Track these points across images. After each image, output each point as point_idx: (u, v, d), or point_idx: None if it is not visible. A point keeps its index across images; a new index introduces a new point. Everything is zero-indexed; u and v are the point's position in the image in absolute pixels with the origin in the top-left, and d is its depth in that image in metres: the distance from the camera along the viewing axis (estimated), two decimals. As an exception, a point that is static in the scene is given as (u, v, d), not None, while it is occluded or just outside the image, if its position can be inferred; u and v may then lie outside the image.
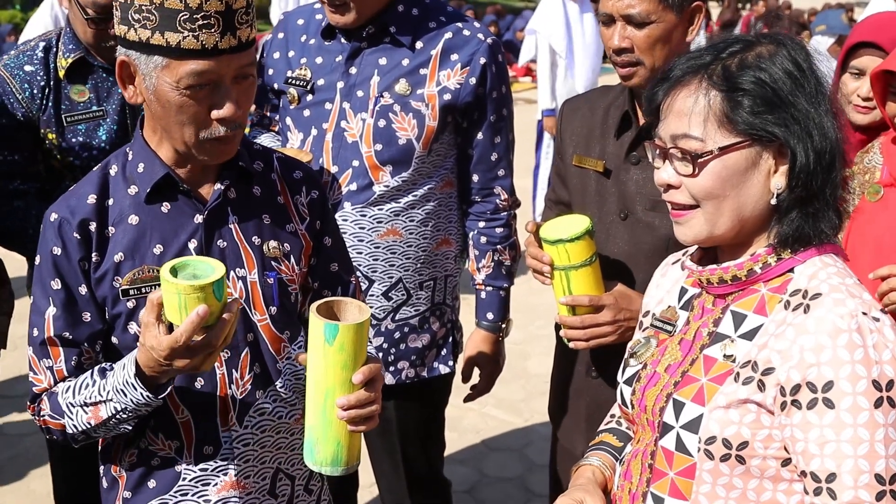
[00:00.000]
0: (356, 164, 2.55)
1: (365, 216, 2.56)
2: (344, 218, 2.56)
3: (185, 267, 1.63)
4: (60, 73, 2.80)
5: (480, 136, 2.62)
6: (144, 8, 1.63)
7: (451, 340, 2.77)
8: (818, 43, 5.49)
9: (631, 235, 2.27)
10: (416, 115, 2.53)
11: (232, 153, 1.79)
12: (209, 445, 1.87)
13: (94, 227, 1.78)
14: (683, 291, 1.74)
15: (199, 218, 1.82)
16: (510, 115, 2.69)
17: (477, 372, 2.82)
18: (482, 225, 2.71)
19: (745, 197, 1.55)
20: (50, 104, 2.78)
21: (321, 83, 2.59)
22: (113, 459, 1.91)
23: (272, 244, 1.87)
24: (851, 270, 1.58)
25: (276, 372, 1.91)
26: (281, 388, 1.92)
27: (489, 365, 2.80)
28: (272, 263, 1.87)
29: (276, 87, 2.70)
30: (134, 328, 1.80)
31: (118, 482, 1.91)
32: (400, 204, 2.58)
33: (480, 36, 2.58)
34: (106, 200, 1.81)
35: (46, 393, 1.83)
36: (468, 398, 2.86)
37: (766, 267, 1.57)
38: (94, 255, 1.78)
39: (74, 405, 1.78)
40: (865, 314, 1.47)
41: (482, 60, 2.55)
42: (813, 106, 1.52)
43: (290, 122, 2.66)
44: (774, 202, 1.55)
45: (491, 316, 2.75)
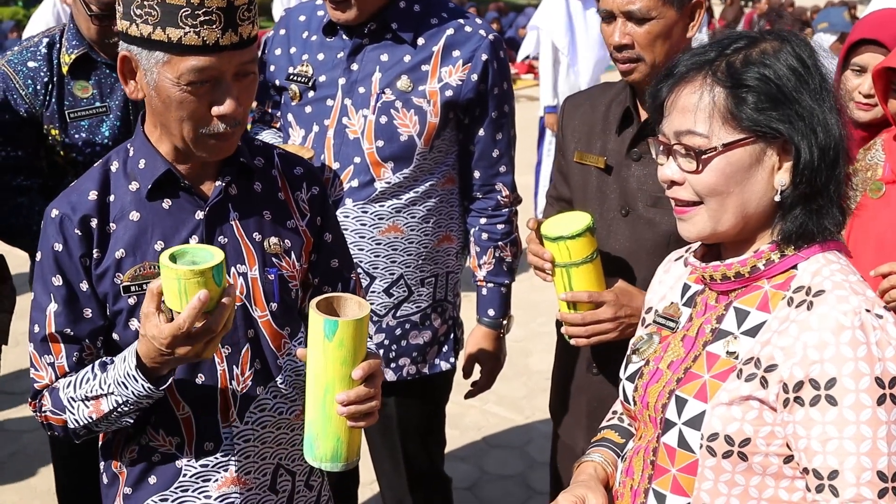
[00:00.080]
0: (358, 160, 2.54)
1: (366, 213, 2.56)
2: (345, 214, 2.56)
3: (183, 254, 1.63)
4: (64, 69, 2.80)
5: (482, 132, 2.62)
6: (146, 3, 1.63)
7: (452, 337, 2.77)
8: (820, 40, 5.49)
9: (632, 232, 2.27)
10: (417, 111, 2.52)
11: (231, 150, 1.79)
12: (210, 441, 1.87)
13: (95, 223, 1.78)
14: (686, 288, 1.74)
15: (200, 214, 1.82)
16: (512, 111, 2.69)
17: (478, 368, 2.82)
18: (483, 221, 2.71)
19: (748, 193, 1.55)
20: (53, 100, 2.78)
21: (323, 80, 2.59)
22: (113, 455, 1.91)
23: (273, 240, 1.87)
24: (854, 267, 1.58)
25: (276, 368, 1.90)
26: (281, 384, 1.92)
27: (490, 361, 2.80)
28: (273, 260, 1.87)
29: (277, 83, 2.69)
30: (135, 325, 1.80)
31: (118, 478, 1.91)
32: (401, 200, 2.57)
33: (482, 32, 2.58)
34: (107, 197, 1.81)
35: (47, 389, 1.83)
36: (469, 395, 2.86)
37: (769, 263, 1.57)
38: (95, 251, 1.78)
39: (75, 399, 1.77)
40: (869, 311, 1.46)
41: (484, 57, 2.55)
42: (817, 102, 1.52)
43: (291, 118, 2.66)
44: (778, 199, 1.55)
45: (492, 312, 2.75)
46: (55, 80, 2.79)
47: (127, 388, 1.71)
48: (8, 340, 2.96)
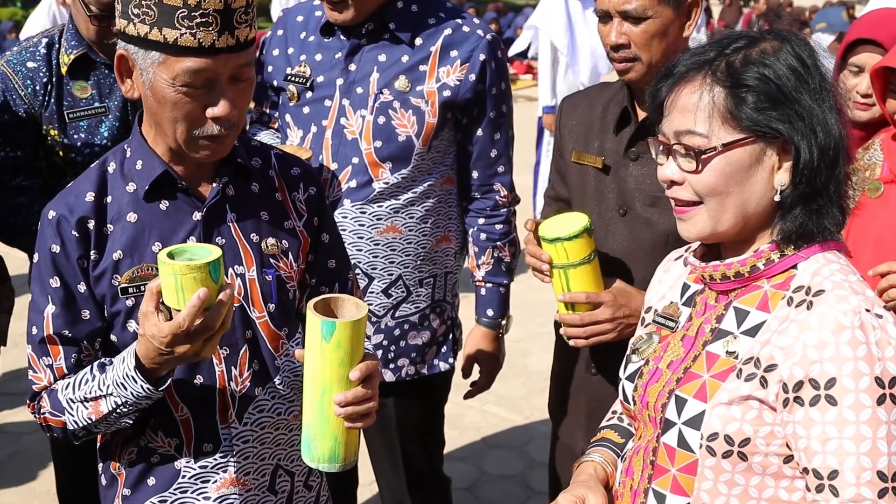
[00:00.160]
0: (356, 161, 2.54)
1: (364, 213, 2.56)
2: (344, 215, 2.55)
3: (182, 252, 1.63)
4: (63, 69, 2.80)
5: (480, 132, 2.62)
6: (144, 3, 1.63)
7: (451, 337, 2.77)
8: (819, 40, 5.49)
9: (630, 231, 2.27)
10: (415, 111, 2.52)
11: (224, 153, 1.78)
12: (209, 443, 1.87)
13: (92, 224, 1.78)
14: (686, 287, 1.74)
15: (197, 215, 1.81)
16: (510, 111, 2.68)
17: (477, 369, 2.82)
18: (482, 221, 2.70)
19: (748, 193, 1.54)
20: (52, 100, 2.79)
21: (320, 80, 2.59)
22: (112, 456, 1.91)
23: (270, 241, 1.87)
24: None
25: (274, 369, 1.90)
26: (280, 384, 1.92)
27: (489, 362, 2.80)
28: (270, 260, 1.87)
29: (275, 84, 2.69)
30: (133, 326, 1.79)
31: (117, 479, 1.91)
32: (399, 201, 2.57)
33: (480, 32, 2.58)
34: (104, 198, 1.80)
35: (46, 391, 1.83)
36: (468, 395, 2.86)
37: (769, 263, 1.57)
38: (92, 252, 1.78)
39: (74, 401, 1.77)
40: (868, 311, 1.46)
41: (482, 57, 2.55)
42: (817, 102, 1.51)
43: (289, 119, 2.66)
44: (778, 199, 1.54)
45: (491, 312, 2.75)
46: (54, 80, 2.79)
47: (126, 389, 1.71)
48: (6, 341, 2.96)
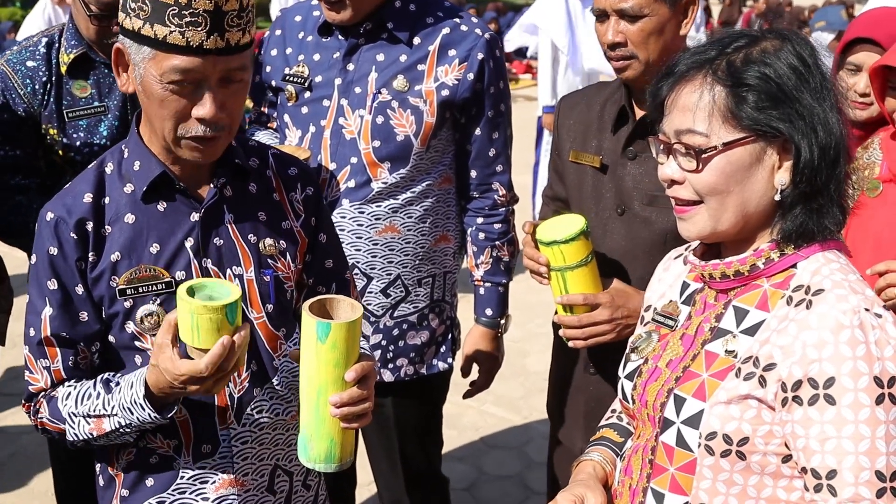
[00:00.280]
0: (354, 160, 2.54)
1: (363, 213, 2.56)
2: (342, 215, 2.55)
3: (202, 287, 1.64)
4: (62, 68, 2.80)
5: (478, 131, 2.62)
6: None
7: (449, 337, 2.77)
8: (818, 39, 5.49)
9: (628, 231, 2.26)
10: (413, 111, 2.52)
11: (215, 155, 1.77)
12: (207, 444, 1.86)
13: (90, 226, 1.77)
14: (685, 286, 1.74)
15: (195, 216, 1.81)
16: (508, 110, 2.68)
17: (476, 368, 2.82)
18: (480, 221, 2.70)
19: (749, 193, 1.54)
20: (51, 99, 2.78)
21: (319, 80, 2.58)
22: (110, 457, 1.90)
23: (268, 242, 1.87)
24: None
25: (272, 369, 1.90)
26: (278, 385, 1.91)
27: (488, 361, 2.80)
28: (268, 261, 1.87)
29: (273, 84, 2.69)
30: (131, 327, 1.79)
31: (115, 480, 1.90)
32: (398, 200, 2.57)
33: (478, 31, 2.58)
34: (102, 199, 1.80)
35: (44, 395, 1.83)
36: (467, 394, 2.86)
37: (768, 262, 1.57)
38: (90, 254, 1.77)
39: (76, 415, 1.78)
40: (868, 310, 1.46)
41: (480, 56, 2.54)
42: (818, 101, 1.51)
43: (287, 119, 2.65)
44: (778, 198, 1.54)
45: (490, 312, 2.74)
46: (54, 79, 2.79)
47: (132, 413, 1.72)
48: (5, 341, 2.96)
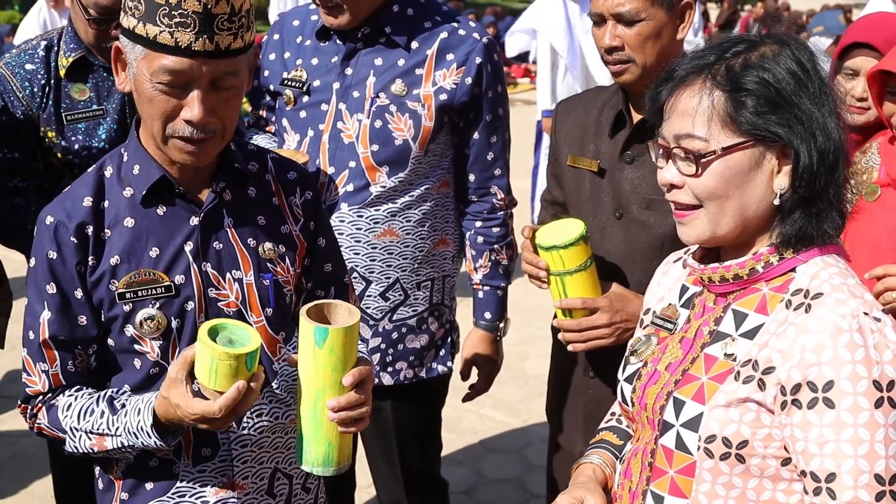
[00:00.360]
0: (353, 164, 2.54)
1: (362, 217, 2.56)
2: (341, 219, 2.55)
3: (223, 328, 1.65)
4: (61, 71, 2.80)
5: (477, 135, 2.62)
6: None
7: (449, 341, 2.77)
8: (816, 43, 5.50)
9: (626, 234, 2.27)
10: (412, 115, 2.52)
11: (206, 159, 1.76)
12: (207, 447, 1.87)
13: (90, 230, 1.77)
14: (685, 289, 1.74)
15: (194, 220, 1.81)
16: (506, 114, 2.69)
17: (475, 372, 2.82)
18: (479, 224, 2.71)
19: (748, 197, 1.55)
20: (50, 102, 2.78)
21: (317, 84, 2.59)
22: (109, 461, 1.90)
23: (267, 246, 1.87)
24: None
25: (272, 373, 1.90)
26: (277, 389, 1.92)
27: (487, 364, 2.80)
28: (268, 265, 1.87)
29: (272, 88, 2.69)
30: (130, 331, 1.79)
31: (114, 484, 1.90)
32: (397, 204, 2.57)
33: (476, 35, 2.58)
34: (101, 203, 1.80)
35: (42, 401, 1.83)
36: (466, 398, 2.86)
37: (768, 266, 1.57)
38: (90, 258, 1.77)
39: (78, 430, 1.78)
40: (867, 314, 1.46)
41: (478, 60, 2.55)
42: (816, 106, 1.52)
43: (286, 123, 2.66)
44: (777, 202, 1.54)
45: (489, 315, 2.75)
46: (52, 82, 2.79)
47: (137, 438, 1.73)
48: (4, 344, 2.96)
